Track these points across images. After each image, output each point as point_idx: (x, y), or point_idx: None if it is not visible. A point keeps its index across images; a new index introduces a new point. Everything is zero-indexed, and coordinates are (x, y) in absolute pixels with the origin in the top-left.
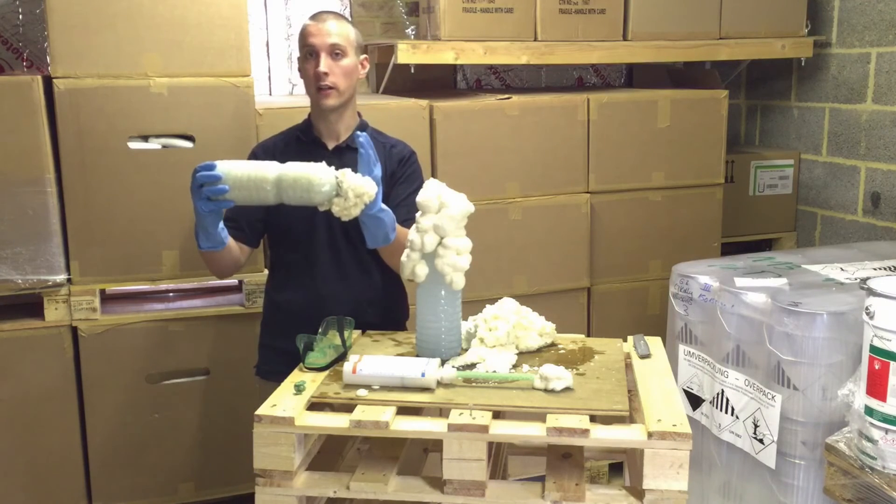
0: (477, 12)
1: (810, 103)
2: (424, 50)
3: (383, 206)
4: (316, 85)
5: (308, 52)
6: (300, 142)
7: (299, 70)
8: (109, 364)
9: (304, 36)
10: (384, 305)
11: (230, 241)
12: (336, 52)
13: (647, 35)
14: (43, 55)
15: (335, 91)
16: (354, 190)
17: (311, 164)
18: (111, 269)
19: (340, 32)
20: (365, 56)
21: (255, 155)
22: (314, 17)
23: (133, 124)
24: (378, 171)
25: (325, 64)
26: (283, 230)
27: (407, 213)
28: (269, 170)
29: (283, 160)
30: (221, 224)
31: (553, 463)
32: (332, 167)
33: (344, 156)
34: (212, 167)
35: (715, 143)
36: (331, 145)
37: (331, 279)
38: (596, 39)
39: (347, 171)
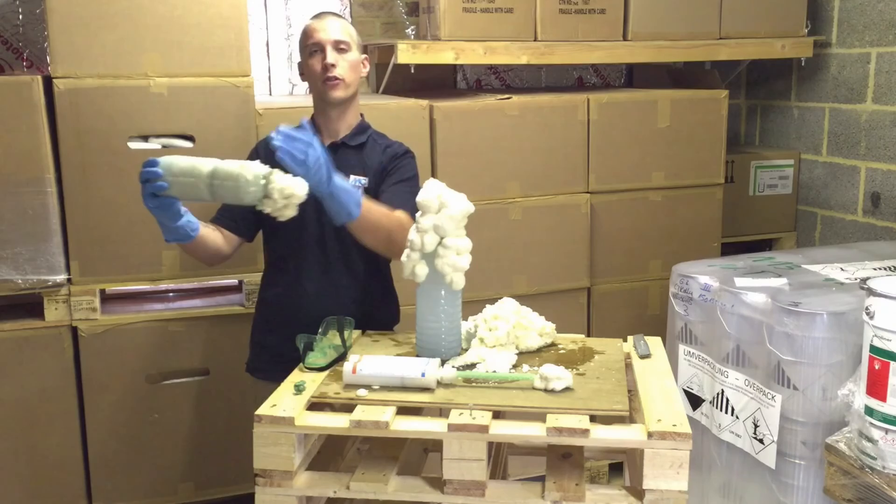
0: (477, 12)
1: (810, 103)
2: (424, 50)
3: (342, 183)
4: (323, 77)
5: (313, 49)
6: None
7: (301, 71)
8: (109, 364)
9: (307, 34)
10: (369, 304)
11: (209, 231)
12: (341, 47)
13: (647, 35)
14: (43, 55)
15: (342, 83)
16: (281, 192)
17: (245, 162)
18: (111, 269)
19: (343, 29)
20: (365, 56)
21: (255, 152)
22: (316, 16)
23: (133, 124)
24: (312, 163)
25: (331, 56)
26: (275, 225)
27: (389, 199)
28: (205, 166)
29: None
30: (187, 218)
31: (553, 463)
32: (267, 166)
33: (338, 152)
34: (154, 163)
35: (715, 143)
36: (328, 143)
37: (315, 275)
38: (596, 39)
39: (276, 171)
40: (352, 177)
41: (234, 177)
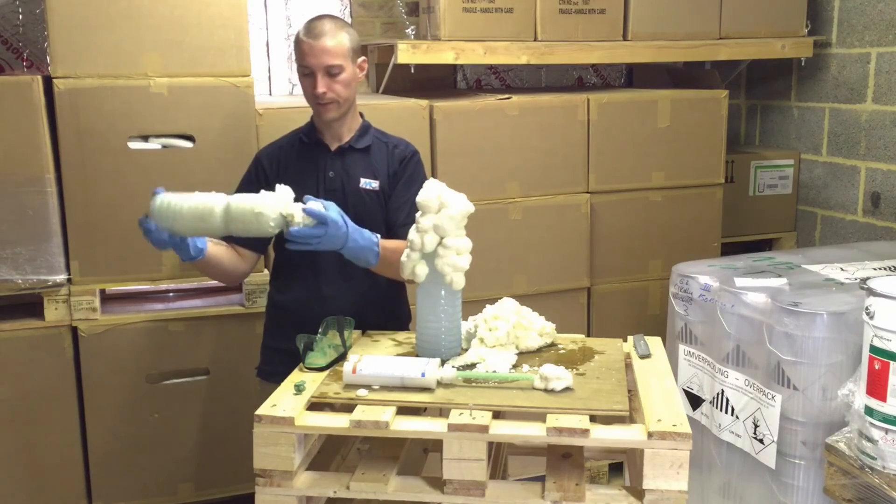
0: (477, 12)
1: (810, 103)
2: (424, 50)
3: (358, 241)
4: (315, 101)
5: (304, 71)
6: (304, 144)
7: (299, 77)
8: (109, 364)
9: (299, 52)
10: (387, 307)
11: (222, 250)
12: (332, 72)
13: (647, 35)
14: (43, 55)
15: (335, 104)
16: (302, 222)
17: (258, 198)
18: (111, 269)
19: (335, 49)
20: (363, 58)
21: (258, 162)
22: (308, 31)
23: (133, 124)
24: (326, 244)
25: (322, 84)
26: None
27: (406, 216)
28: (217, 206)
29: (286, 165)
30: (192, 239)
31: (553, 463)
32: (283, 194)
33: (346, 156)
34: (148, 227)
35: (715, 143)
36: (333, 146)
37: (333, 279)
38: (596, 39)
39: (298, 208)
40: (362, 180)
41: (253, 217)
